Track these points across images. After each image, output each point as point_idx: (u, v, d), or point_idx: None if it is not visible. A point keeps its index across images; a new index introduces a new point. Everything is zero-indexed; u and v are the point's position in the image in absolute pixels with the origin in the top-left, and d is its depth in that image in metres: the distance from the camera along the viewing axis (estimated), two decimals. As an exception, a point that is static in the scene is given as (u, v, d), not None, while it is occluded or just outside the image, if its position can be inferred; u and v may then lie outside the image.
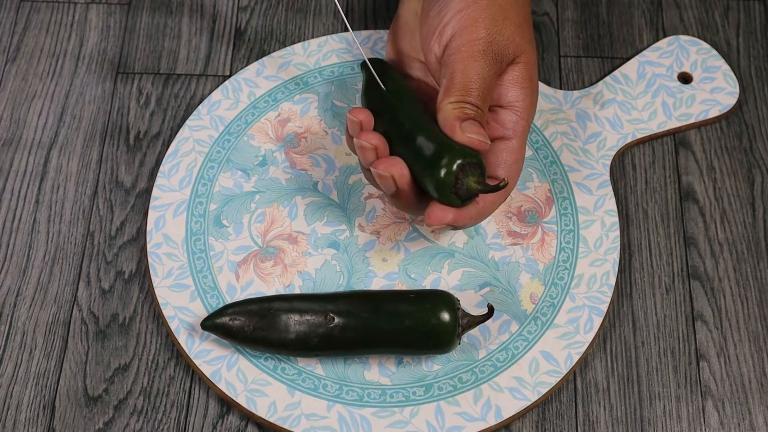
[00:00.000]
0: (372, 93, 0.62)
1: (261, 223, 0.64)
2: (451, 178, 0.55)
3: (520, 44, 0.58)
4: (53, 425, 0.59)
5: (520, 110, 0.59)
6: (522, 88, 0.59)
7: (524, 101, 0.59)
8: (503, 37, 0.57)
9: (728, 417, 0.60)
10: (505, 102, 0.59)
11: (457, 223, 0.57)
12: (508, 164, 0.59)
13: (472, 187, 0.55)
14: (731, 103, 0.69)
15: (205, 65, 0.71)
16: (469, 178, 0.55)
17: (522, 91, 0.59)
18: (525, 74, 0.59)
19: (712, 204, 0.66)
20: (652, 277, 0.64)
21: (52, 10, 0.73)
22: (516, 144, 0.59)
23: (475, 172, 0.55)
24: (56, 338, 0.62)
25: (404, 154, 0.57)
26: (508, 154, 0.59)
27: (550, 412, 0.60)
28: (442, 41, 0.58)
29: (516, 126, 0.59)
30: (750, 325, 0.63)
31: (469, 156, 0.55)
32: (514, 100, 0.59)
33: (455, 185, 0.55)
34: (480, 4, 0.58)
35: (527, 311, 0.61)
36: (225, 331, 0.58)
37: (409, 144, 0.57)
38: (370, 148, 0.57)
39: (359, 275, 0.63)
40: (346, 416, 0.58)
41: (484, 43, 0.57)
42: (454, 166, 0.55)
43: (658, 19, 0.73)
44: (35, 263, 0.64)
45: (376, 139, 0.57)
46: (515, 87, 0.59)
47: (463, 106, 0.56)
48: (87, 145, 0.68)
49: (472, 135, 0.55)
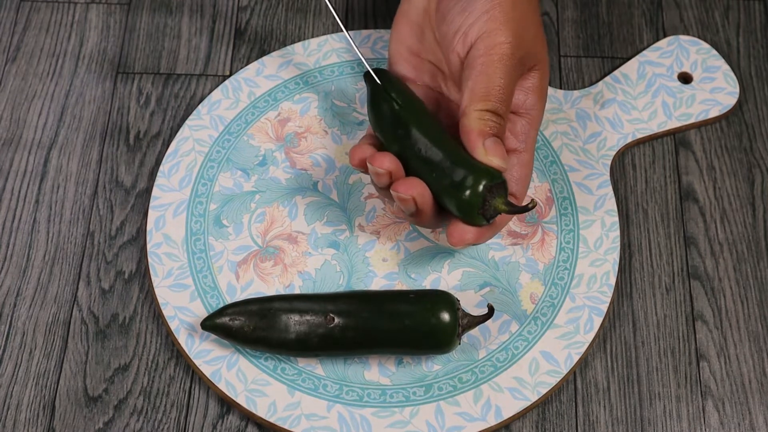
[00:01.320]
0: (380, 106, 0.60)
1: (261, 223, 0.64)
2: (479, 199, 0.55)
3: (540, 51, 0.58)
4: (53, 425, 0.59)
5: (534, 119, 0.59)
6: (539, 96, 0.59)
7: (539, 110, 0.59)
8: (527, 43, 0.57)
9: (728, 417, 0.60)
10: (522, 109, 0.59)
11: (478, 241, 0.57)
12: (521, 179, 0.59)
13: (500, 209, 0.56)
14: (731, 103, 0.69)
15: (205, 65, 0.71)
16: (497, 200, 0.55)
17: (539, 100, 0.59)
18: (542, 81, 0.59)
19: (712, 204, 0.66)
20: (652, 277, 0.64)
21: (52, 10, 0.73)
22: (527, 158, 0.59)
23: (501, 193, 0.56)
24: (56, 338, 0.62)
25: (422, 172, 0.57)
26: (520, 169, 0.58)
27: (550, 412, 0.60)
28: (467, 42, 0.57)
29: (528, 137, 0.59)
30: (750, 325, 0.63)
31: (495, 177, 0.55)
32: (531, 108, 0.58)
33: (482, 207, 0.55)
34: (504, 8, 0.57)
35: (527, 311, 0.61)
36: (225, 331, 0.58)
37: (429, 162, 0.57)
38: (384, 173, 0.57)
39: (359, 275, 0.63)
40: (346, 416, 0.58)
41: (511, 47, 0.56)
42: (481, 187, 0.55)
43: (658, 19, 0.73)
44: (35, 263, 0.64)
45: (388, 163, 0.57)
46: (533, 94, 0.58)
47: (489, 117, 0.56)
48: (87, 145, 0.68)
49: (493, 158, 0.55)
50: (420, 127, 0.58)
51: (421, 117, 0.59)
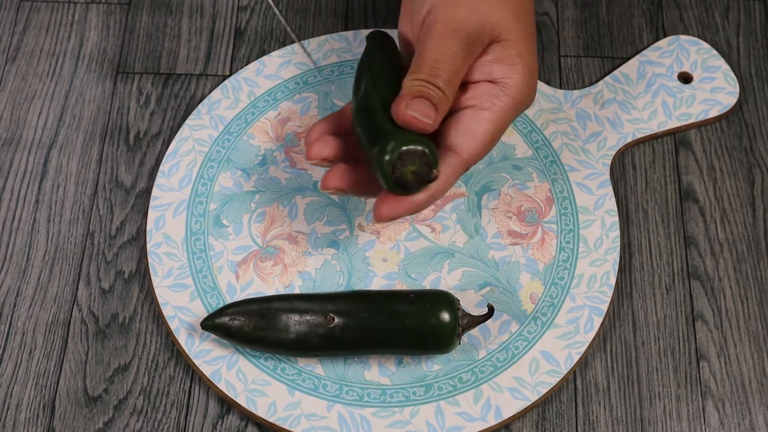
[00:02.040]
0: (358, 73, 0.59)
1: (261, 223, 0.64)
2: (389, 167, 0.52)
3: (499, 22, 0.55)
4: (53, 425, 0.59)
5: (506, 87, 0.55)
6: (510, 65, 0.56)
7: (512, 78, 0.56)
8: (478, 16, 0.54)
9: (728, 417, 0.60)
10: (491, 78, 0.56)
11: (406, 213, 0.54)
12: (469, 133, 0.55)
13: (409, 178, 0.52)
14: (731, 103, 0.69)
15: (205, 65, 0.71)
16: (408, 167, 0.52)
17: (510, 68, 0.56)
18: (511, 52, 0.56)
19: (712, 204, 0.66)
20: (652, 276, 0.64)
21: (52, 10, 0.73)
22: (487, 115, 0.55)
23: (415, 161, 0.52)
24: (56, 338, 0.62)
25: (364, 133, 0.55)
26: (472, 123, 0.55)
27: (550, 412, 0.60)
28: (420, 16, 0.56)
29: (495, 99, 0.55)
30: (750, 324, 0.63)
31: (411, 142, 0.52)
32: (501, 77, 0.56)
33: (393, 174, 0.52)
34: None
35: (527, 311, 0.61)
36: (225, 331, 0.58)
37: (365, 127, 0.55)
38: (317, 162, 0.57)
39: (359, 275, 0.63)
40: (346, 416, 0.58)
41: (456, 22, 0.54)
42: (388, 155, 0.52)
43: (658, 19, 0.73)
44: (35, 263, 0.64)
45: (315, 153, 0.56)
46: (501, 64, 0.56)
47: (423, 84, 0.53)
48: (87, 145, 0.68)
49: (410, 111, 0.52)
50: (373, 93, 0.56)
51: (381, 80, 0.56)
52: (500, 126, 0.56)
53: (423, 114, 0.53)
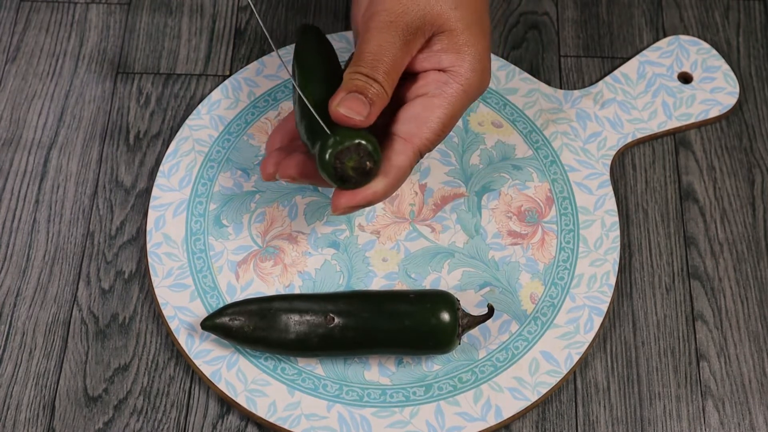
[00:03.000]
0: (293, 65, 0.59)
1: (261, 223, 0.64)
2: (330, 168, 0.52)
3: (440, 14, 0.55)
4: (53, 425, 0.59)
5: (456, 74, 0.55)
6: (457, 53, 0.55)
7: (461, 66, 0.55)
8: (418, 7, 0.54)
9: (728, 417, 0.60)
10: (441, 67, 0.56)
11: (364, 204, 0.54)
12: (418, 119, 0.55)
13: (350, 173, 0.53)
14: (731, 103, 0.69)
15: (205, 65, 0.71)
16: (348, 163, 0.52)
17: (458, 56, 0.55)
18: (458, 39, 0.55)
19: (712, 204, 0.66)
20: (652, 276, 0.64)
21: (52, 10, 0.73)
22: (438, 102, 0.55)
23: (352, 156, 0.52)
24: (56, 338, 0.62)
25: (305, 136, 0.55)
26: (422, 110, 0.55)
27: (550, 412, 0.60)
28: (363, 5, 0.56)
29: (445, 87, 0.55)
30: (750, 324, 0.63)
31: (346, 139, 0.52)
32: (450, 65, 0.55)
33: (336, 173, 0.53)
34: None
35: (527, 311, 0.61)
36: (225, 331, 0.58)
37: (305, 129, 0.55)
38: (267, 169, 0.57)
39: (359, 275, 0.63)
40: (346, 416, 0.58)
41: (395, 13, 0.54)
42: (327, 155, 0.52)
43: (658, 19, 0.73)
44: (35, 263, 0.64)
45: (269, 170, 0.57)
46: (448, 53, 0.56)
47: (361, 78, 0.53)
48: (87, 145, 0.68)
49: (341, 108, 0.52)
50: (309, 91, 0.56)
51: (307, 86, 0.56)
52: (452, 112, 0.55)
53: (355, 111, 0.53)
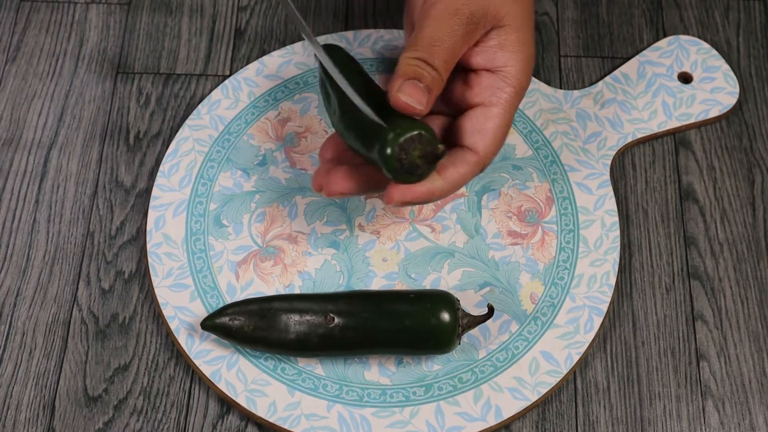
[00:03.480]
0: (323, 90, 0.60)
1: (261, 223, 0.64)
2: (395, 161, 0.53)
3: (502, 6, 0.55)
4: (53, 425, 0.59)
5: (508, 76, 0.56)
6: (512, 52, 0.56)
7: (514, 66, 0.56)
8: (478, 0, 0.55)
9: (728, 417, 0.60)
10: (493, 66, 0.56)
11: (419, 200, 0.54)
12: (483, 131, 0.55)
13: (417, 162, 0.53)
14: (731, 103, 0.69)
15: (205, 65, 0.71)
16: (413, 153, 0.53)
17: (512, 56, 0.56)
18: (513, 37, 0.56)
19: (712, 204, 0.66)
20: (652, 276, 0.64)
21: (52, 10, 0.73)
22: (496, 111, 0.56)
23: (417, 146, 0.53)
24: (56, 338, 0.62)
25: (356, 140, 0.55)
26: (484, 121, 0.55)
27: (550, 412, 0.60)
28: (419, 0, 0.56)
29: (500, 92, 0.56)
30: (750, 324, 0.63)
31: (407, 130, 0.52)
32: (503, 65, 0.56)
33: (401, 164, 0.53)
34: None
35: (527, 311, 0.61)
36: (225, 331, 0.58)
37: (356, 135, 0.55)
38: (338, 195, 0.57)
39: (359, 275, 0.63)
40: (346, 416, 0.58)
41: (458, 3, 0.54)
42: (393, 147, 0.52)
43: (658, 19, 0.73)
44: (35, 263, 0.64)
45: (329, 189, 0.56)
46: (503, 51, 0.56)
47: (415, 63, 0.53)
48: (87, 145, 0.68)
49: (402, 95, 0.53)
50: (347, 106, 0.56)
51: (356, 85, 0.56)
52: (508, 119, 0.56)
53: (416, 100, 0.53)
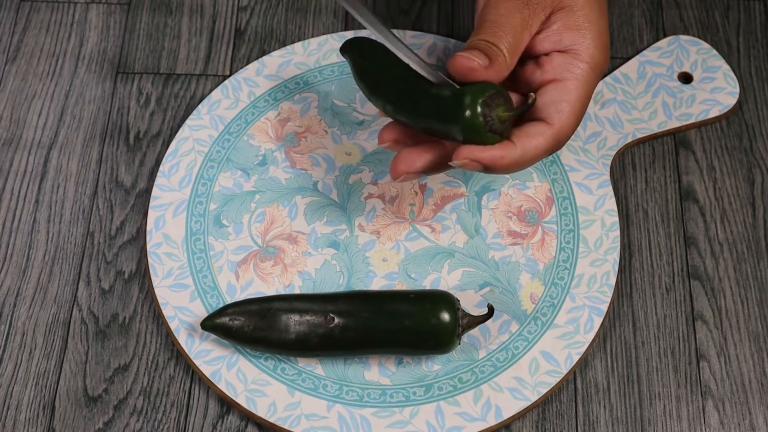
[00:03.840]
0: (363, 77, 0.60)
1: (261, 223, 0.64)
2: (479, 118, 0.53)
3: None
4: (53, 425, 0.59)
5: (579, 53, 0.56)
6: (578, 30, 0.56)
7: (583, 44, 0.56)
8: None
9: (728, 417, 0.60)
10: (562, 47, 0.57)
11: (496, 164, 0.54)
12: (557, 104, 0.56)
13: (503, 116, 0.53)
14: (731, 103, 0.69)
15: (205, 65, 0.71)
16: (497, 109, 0.53)
17: (578, 34, 0.56)
18: (577, 17, 0.56)
19: (712, 204, 0.66)
20: (652, 277, 0.64)
21: (52, 10, 0.73)
22: (571, 85, 0.56)
23: (500, 102, 0.53)
24: (56, 338, 0.62)
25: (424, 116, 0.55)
26: (558, 95, 0.56)
27: (550, 412, 0.60)
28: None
29: (572, 67, 0.56)
30: (750, 325, 0.63)
31: (487, 89, 0.53)
32: (571, 44, 0.56)
33: (485, 122, 0.53)
34: None
35: (527, 311, 0.61)
36: (225, 331, 0.58)
37: (421, 103, 0.55)
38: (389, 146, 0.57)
39: (359, 275, 0.63)
40: (346, 416, 0.58)
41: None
42: (477, 105, 0.53)
43: (658, 19, 0.73)
44: (35, 263, 0.64)
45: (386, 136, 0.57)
46: (569, 31, 0.56)
47: (484, 42, 0.54)
48: (87, 145, 0.68)
49: (464, 53, 0.54)
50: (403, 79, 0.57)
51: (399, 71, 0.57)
52: (586, 92, 0.56)
53: (477, 57, 0.54)
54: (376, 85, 0.58)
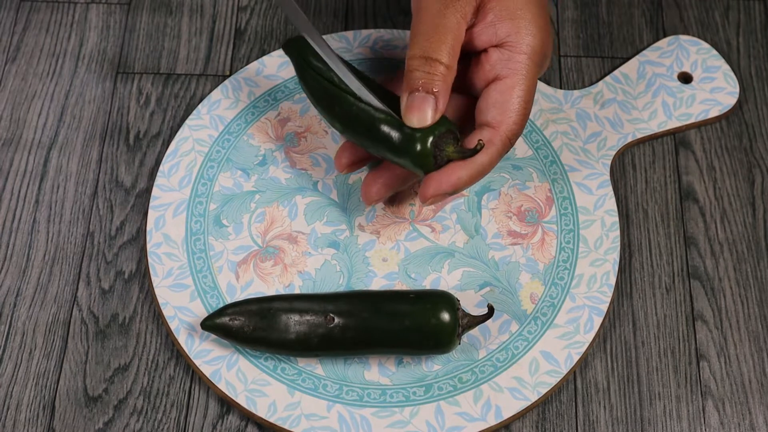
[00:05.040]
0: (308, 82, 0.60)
1: (261, 223, 0.64)
2: (429, 157, 0.55)
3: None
4: (53, 425, 0.59)
5: (515, 45, 0.55)
6: (512, 19, 0.55)
7: (518, 34, 0.55)
8: None
9: (728, 417, 0.60)
10: (498, 40, 0.55)
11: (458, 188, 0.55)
12: (499, 104, 0.55)
13: (453, 156, 0.55)
14: (731, 103, 0.69)
15: (205, 65, 0.71)
16: (447, 149, 0.55)
17: (512, 23, 0.55)
18: (508, 5, 0.55)
19: (712, 204, 0.66)
20: (652, 277, 0.64)
21: (52, 10, 0.73)
22: (510, 82, 0.55)
23: (448, 140, 0.55)
24: (56, 338, 0.62)
25: (371, 142, 0.57)
26: (499, 94, 0.55)
27: (550, 412, 0.60)
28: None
29: (510, 63, 0.55)
30: (750, 324, 0.63)
31: (437, 127, 0.55)
32: (506, 36, 0.55)
33: (435, 159, 0.55)
34: None
35: (527, 311, 0.61)
36: (225, 331, 0.58)
37: (373, 131, 0.56)
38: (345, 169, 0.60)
39: (359, 275, 0.63)
40: (346, 416, 0.58)
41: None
42: (428, 144, 0.55)
43: (658, 19, 0.73)
44: (35, 263, 0.64)
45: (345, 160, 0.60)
46: (503, 21, 0.55)
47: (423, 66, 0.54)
48: (87, 145, 0.68)
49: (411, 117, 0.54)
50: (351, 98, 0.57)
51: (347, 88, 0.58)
52: (527, 87, 0.55)
53: (423, 117, 0.54)
54: (322, 98, 0.59)
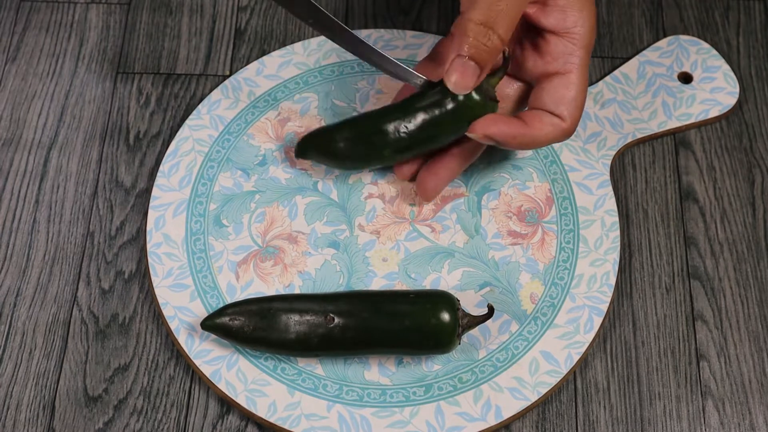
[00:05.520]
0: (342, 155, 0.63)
1: (261, 223, 0.64)
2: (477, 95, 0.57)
3: None
4: (53, 425, 0.59)
5: (577, 37, 0.55)
6: (579, 10, 0.55)
7: (583, 26, 0.55)
8: None
9: (728, 417, 0.60)
10: (562, 28, 0.55)
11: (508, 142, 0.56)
12: (563, 100, 0.56)
13: (494, 82, 0.57)
14: (731, 103, 0.69)
15: (205, 65, 0.71)
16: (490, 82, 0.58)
17: (580, 15, 0.55)
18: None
19: (712, 204, 0.66)
20: (652, 277, 0.64)
21: (52, 10, 0.73)
22: (574, 78, 0.56)
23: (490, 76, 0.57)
24: (56, 338, 0.62)
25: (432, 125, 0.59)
26: (565, 90, 0.56)
27: (550, 412, 0.60)
28: None
29: (573, 58, 0.56)
30: (750, 324, 0.63)
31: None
32: (573, 26, 0.55)
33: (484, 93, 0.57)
34: None
35: (527, 311, 0.61)
36: (225, 331, 0.58)
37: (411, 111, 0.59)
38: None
39: (359, 275, 0.63)
40: (346, 416, 0.58)
41: None
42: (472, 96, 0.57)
43: (658, 19, 0.73)
44: (35, 263, 0.64)
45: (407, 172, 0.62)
46: (572, 10, 0.55)
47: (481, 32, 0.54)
48: (87, 145, 0.68)
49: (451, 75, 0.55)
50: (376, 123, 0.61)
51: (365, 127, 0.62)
52: (586, 81, 0.57)
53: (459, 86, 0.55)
54: (359, 158, 0.62)
